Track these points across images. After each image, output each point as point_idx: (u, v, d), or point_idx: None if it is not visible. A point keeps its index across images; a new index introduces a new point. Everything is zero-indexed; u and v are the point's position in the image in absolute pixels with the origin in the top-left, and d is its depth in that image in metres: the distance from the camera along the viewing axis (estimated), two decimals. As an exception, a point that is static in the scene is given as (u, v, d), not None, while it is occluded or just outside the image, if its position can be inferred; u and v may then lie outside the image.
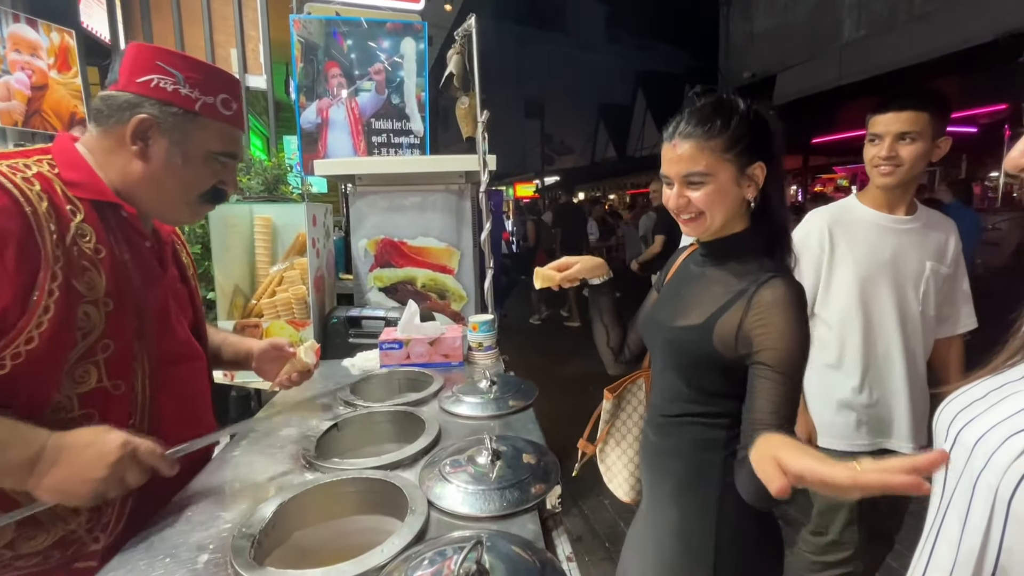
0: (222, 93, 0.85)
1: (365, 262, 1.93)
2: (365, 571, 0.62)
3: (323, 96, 2.49)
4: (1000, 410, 0.48)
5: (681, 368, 0.87)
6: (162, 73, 0.79)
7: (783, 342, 0.76)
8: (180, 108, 0.81)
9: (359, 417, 1.10)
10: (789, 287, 0.78)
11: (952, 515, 0.50)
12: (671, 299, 0.94)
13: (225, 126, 0.87)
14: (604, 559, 2.20)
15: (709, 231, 0.86)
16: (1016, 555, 0.44)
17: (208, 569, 0.65)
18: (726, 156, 0.81)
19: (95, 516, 0.77)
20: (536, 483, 0.80)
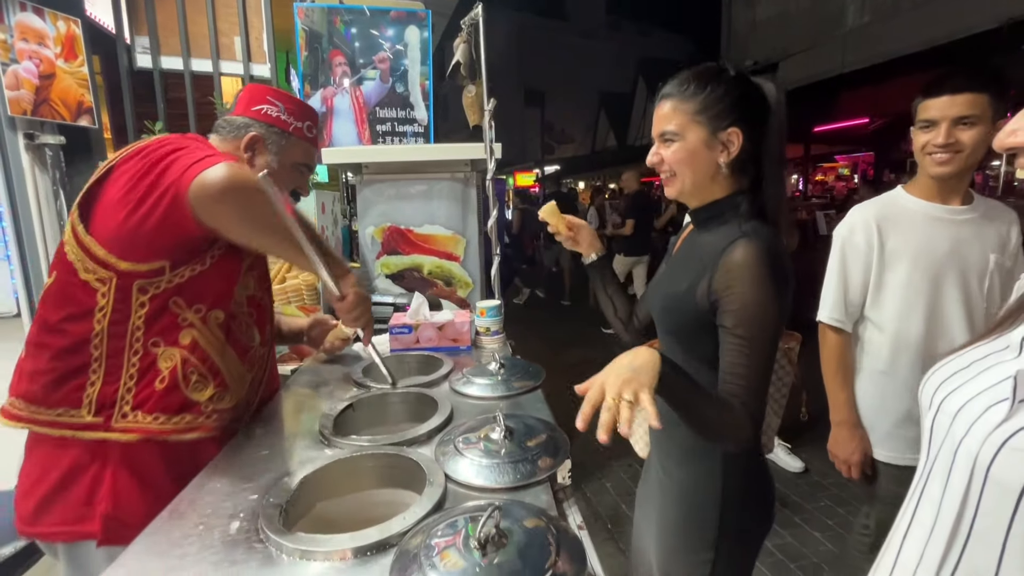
0: (307, 121, 1.12)
1: (372, 249, 1.96)
2: (390, 536, 0.66)
3: (327, 85, 2.50)
4: (982, 380, 0.50)
5: (676, 335, 0.91)
6: (270, 104, 1.07)
7: (743, 305, 0.78)
8: (280, 129, 1.07)
9: (373, 398, 1.14)
10: (756, 248, 0.78)
11: (934, 478, 0.53)
12: (670, 269, 0.99)
13: (307, 145, 1.13)
14: (606, 540, 2.26)
15: (682, 192, 0.90)
16: (990, 518, 0.46)
17: (240, 535, 0.69)
18: (697, 118, 0.84)
19: (253, 392, 1.09)
20: (547, 457, 0.84)
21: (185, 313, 0.94)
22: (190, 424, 0.95)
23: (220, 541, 0.68)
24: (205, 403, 0.96)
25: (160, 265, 0.90)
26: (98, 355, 0.91)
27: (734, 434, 0.78)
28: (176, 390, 0.93)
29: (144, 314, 0.91)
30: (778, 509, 2.43)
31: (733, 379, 0.79)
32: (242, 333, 1.04)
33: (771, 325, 0.79)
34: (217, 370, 0.98)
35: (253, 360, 1.07)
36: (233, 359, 1.01)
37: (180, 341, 0.94)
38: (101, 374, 0.91)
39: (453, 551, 0.60)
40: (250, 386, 1.06)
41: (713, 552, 0.90)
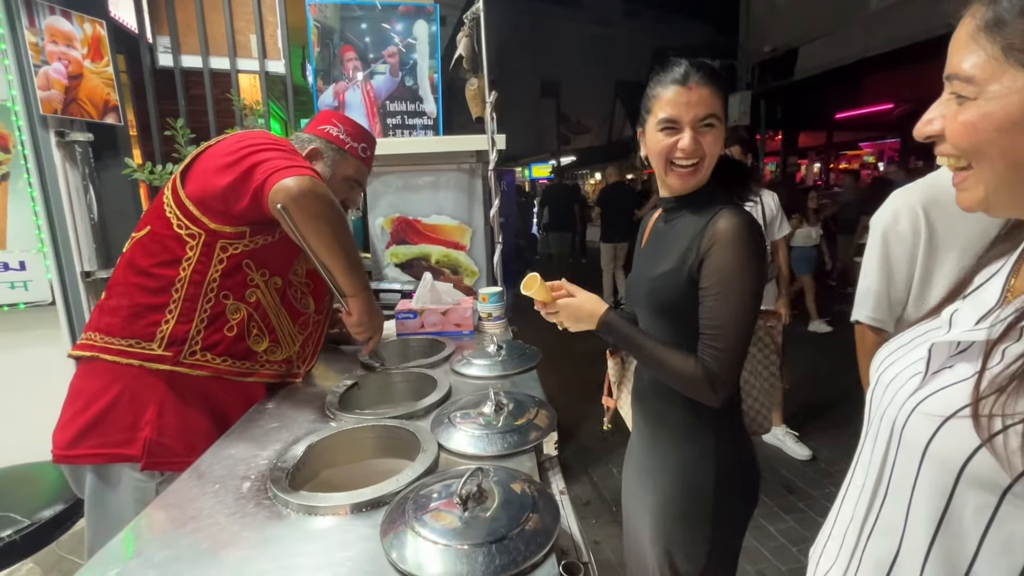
0: (363, 143, 1.28)
1: (382, 239, 2.03)
2: (383, 495, 0.72)
3: (339, 79, 2.57)
4: (914, 354, 0.53)
5: (665, 313, 0.94)
6: (333, 125, 1.25)
7: (722, 268, 0.83)
8: (337, 146, 1.24)
9: (377, 377, 1.21)
10: (738, 217, 0.85)
11: (867, 444, 0.57)
12: (649, 256, 1.01)
13: (359, 163, 1.28)
14: (610, 522, 2.31)
15: (700, 181, 0.90)
16: (901, 477, 0.50)
17: (250, 493, 0.76)
18: (723, 110, 0.88)
19: (303, 351, 1.23)
20: (534, 430, 0.90)
21: (253, 274, 1.10)
22: (249, 369, 1.12)
23: (233, 498, 0.75)
24: (261, 353, 1.13)
25: (242, 230, 1.06)
26: (177, 298, 1.05)
27: (689, 389, 0.87)
28: (242, 339, 1.10)
29: (222, 269, 1.06)
30: (783, 495, 2.46)
31: (705, 339, 0.84)
32: (297, 300, 1.20)
33: (746, 287, 0.83)
34: (272, 327, 1.15)
35: (307, 324, 1.23)
36: (286, 320, 1.17)
37: (247, 298, 1.10)
38: (176, 315, 1.05)
39: (438, 506, 0.66)
40: (302, 346, 1.22)
41: (711, 529, 0.95)
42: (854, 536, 0.57)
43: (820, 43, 9.07)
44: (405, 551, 0.60)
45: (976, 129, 0.45)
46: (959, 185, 0.49)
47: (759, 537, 2.18)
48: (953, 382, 0.47)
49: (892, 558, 0.51)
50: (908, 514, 0.49)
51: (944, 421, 0.45)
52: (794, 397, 3.38)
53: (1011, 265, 0.52)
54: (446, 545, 0.60)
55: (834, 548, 0.61)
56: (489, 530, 0.61)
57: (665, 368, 0.89)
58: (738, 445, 0.98)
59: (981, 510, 0.43)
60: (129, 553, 0.64)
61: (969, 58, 0.45)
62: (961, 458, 0.43)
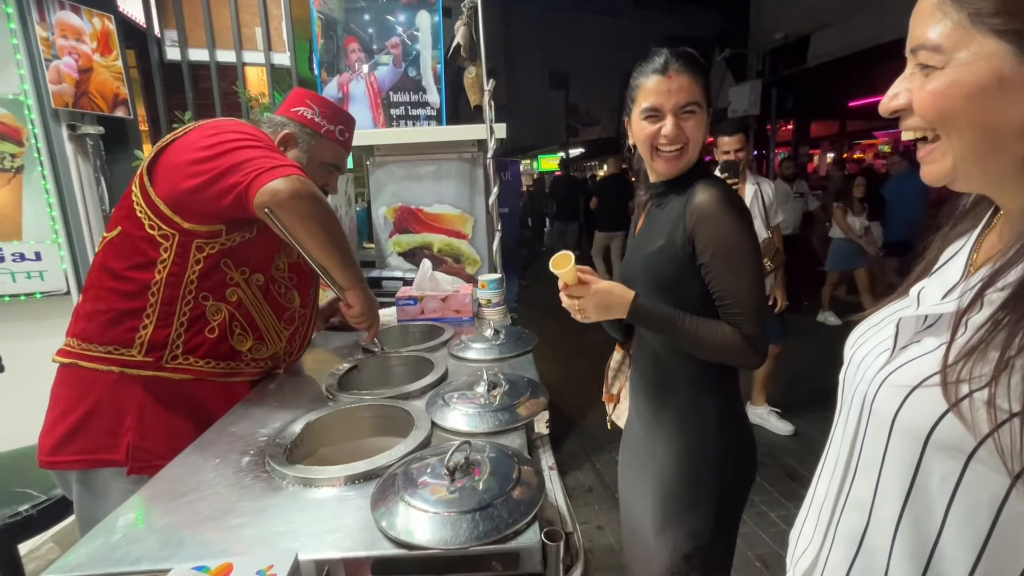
0: (340, 125, 1.23)
1: (385, 228, 2.05)
2: (376, 467, 0.75)
3: (344, 71, 2.59)
4: (883, 332, 0.55)
5: (662, 289, 0.95)
6: (307, 107, 1.19)
7: (716, 239, 0.85)
8: (312, 130, 1.18)
9: (376, 360, 1.23)
10: (713, 187, 0.87)
11: (840, 423, 0.58)
12: (642, 238, 1.03)
13: (337, 147, 1.24)
14: (613, 508, 2.34)
15: (687, 165, 0.92)
16: (871, 449, 0.51)
17: (248, 467, 0.79)
18: (704, 94, 0.90)
19: (290, 345, 1.20)
20: (525, 409, 0.92)
21: (232, 273, 1.06)
22: (234, 369, 1.09)
23: (232, 471, 0.78)
24: (246, 352, 1.10)
25: (218, 228, 1.02)
26: (154, 302, 1.01)
27: (731, 355, 0.88)
28: (224, 340, 1.07)
29: (199, 270, 1.02)
30: (785, 482, 2.47)
31: (728, 309, 0.87)
32: (280, 295, 1.16)
33: (747, 251, 0.86)
34: (256, 325, 1.11)
35: (292, 319, 1.19)
36: (270, 317, 1.14)
37: (228, 297, 1.07)
38: (155, 319, 1.01)
39: (427, 477, 0.68)
40: (288, 341, 1.19)
41: (715, 505, 0.97)
42: (828, 513, 0.58)
43: (832, 30, 8.89)
44: (395, 519, 0.63)
45: (945, 96, 0.44)
46: (925, 158, 0.49)
47: (760, 524, 2.19)
48: (920, 354, 0.48)
49: (862, 532, 0.52)
50: (877, 487, 0.50)
51: (911, 391, 0.46)
52: (799, 389, 3.37)
53: (972, 241, 0.53)
54: (434, 513, 0.62)
55: (810, 528, 0.62)
56: (475, 499, 0.63)
57: (705, 341, 0.89)
58: (737, 423, 1.00)
59: (947, 479, 0.44)
60: (139, 523, 0.67)
61: (935, 27, 0.45)
62: (927, 425, 0.44)
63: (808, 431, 2.88)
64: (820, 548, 0.59)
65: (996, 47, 0.41)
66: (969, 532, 0.44)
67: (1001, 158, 0.44)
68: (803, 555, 0.62)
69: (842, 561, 0.55)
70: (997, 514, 0.42)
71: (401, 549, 0.60)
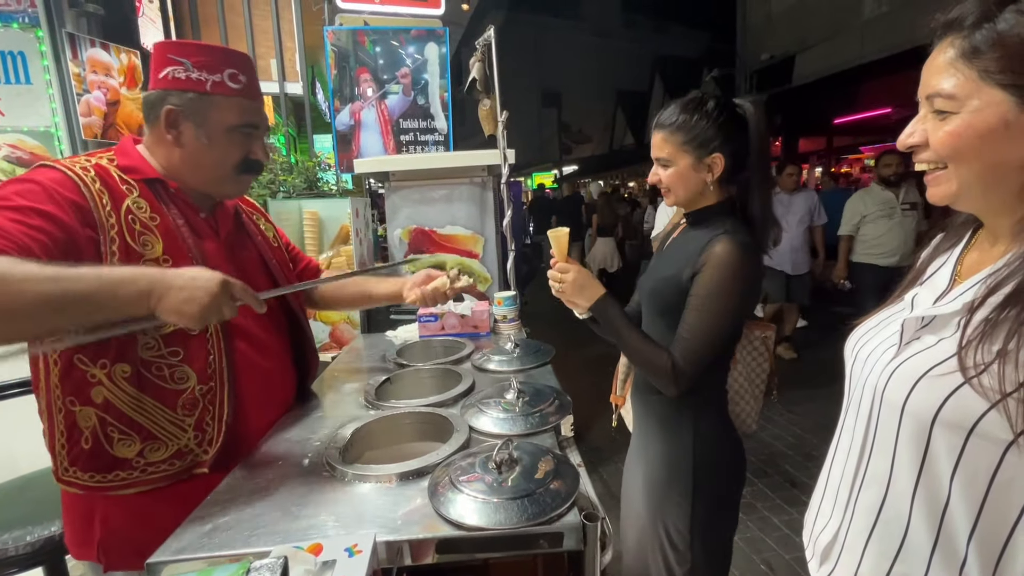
0: (229, 68, 0.93)
1: (400, 249, 2.16)
2: (426, 465, 0.84)
3: (355, 100, 2.73)
4: (885, 332, 0.65)
5: (663, 314, 1.07)
6: (173, 64, 0.90)
7: (708, 284, 0.96)
8: (193, 92, 0.91)
9: (408, 373, 1.33)
10: (733, 244, 0.96)
11: (851, 411, 0.68)
12: (660, 260, 1.15)
13: (238, 99, 0.95)
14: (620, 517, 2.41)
15: (678, 202, 1.07)
16: (885, 431, 0.61)
17: (311, 467, 0.89)
18: (684, 148, 1.02)
19: (200, 433, 0.94)
20: (552, 413, 1.02)
21: (92, 369, 0.87)
22: (125, 480, 0.90)
23: (297, 471, 0.87)
24: (135, 459, 0.90)
25: None
26: (42, 407, 0.91)
27: (655, 376, 1.00)
28: (101, 449, 0.89)
29: (58, 371, 0.88)
30: (787, 489, 2.56)
31: (678, 340, 0.97)
32: (166, 379, 0.92)
33: (724, 307, 0.95)
34: (138, 425, 0.90)
35: (194, 402, 0.94)
36: (157, 409, 0.91)
37: (93, 399, 0.88)
38: (47, 425, 0.91)
39: (477, 471, 0.78)
40: (196, 429, 0.94)
41: (690, 504, 1.06)
42: (846, 491, 0.67)
43: (816, 50, 9.23)
44: (451, 506, 0.72)
45: (961, 137, 0.54)
46: (931, 181, 0.59)
47: (764, 528, 2.28)
48: (922, 349, 0.58)
49: (880, 504, 0.61)
50: (893, 463, 0.59)
51: (918, 380, 0.56)
52: (802, 401, 3.48)
53: (956, 256, 0.65)
54: (486, 500, 0.72)
55: (828, 507, 0.70)
56: (521, 488, 0.73)
57: (640, 354, 1.02)
58: (719, 432, 1.09)
59: (951, 451, 0.53)
60: (225, 515, 0.76)
61: (949, 80, 0.54)
62: (934, 407, 0.54)
63: (807, 440, 2.98)
64: (840, 523, 0.67)
65: (1002, 97, 0.52)
66: (970, 496, 0.52)
67: (1002, 187, 0.55)
68: (823, 531, 0.70)
69: (862, 531, 0.63)
70: (992, 477, 0.51)
71: (460, 531, 0.69)
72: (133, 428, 0.90)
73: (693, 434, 1.06)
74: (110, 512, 0.92)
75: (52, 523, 1.17)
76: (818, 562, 0.71)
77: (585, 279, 1.06)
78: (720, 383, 1.11)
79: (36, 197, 0.81)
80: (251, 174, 1.04)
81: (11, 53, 2.11)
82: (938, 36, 0.57)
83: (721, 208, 1.06)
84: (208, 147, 0.94)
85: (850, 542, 0.65)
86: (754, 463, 2.76)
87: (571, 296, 1.06)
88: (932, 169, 0.59)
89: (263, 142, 1.02)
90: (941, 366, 0.54)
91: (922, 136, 0.58)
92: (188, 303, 0.78)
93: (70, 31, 2.12)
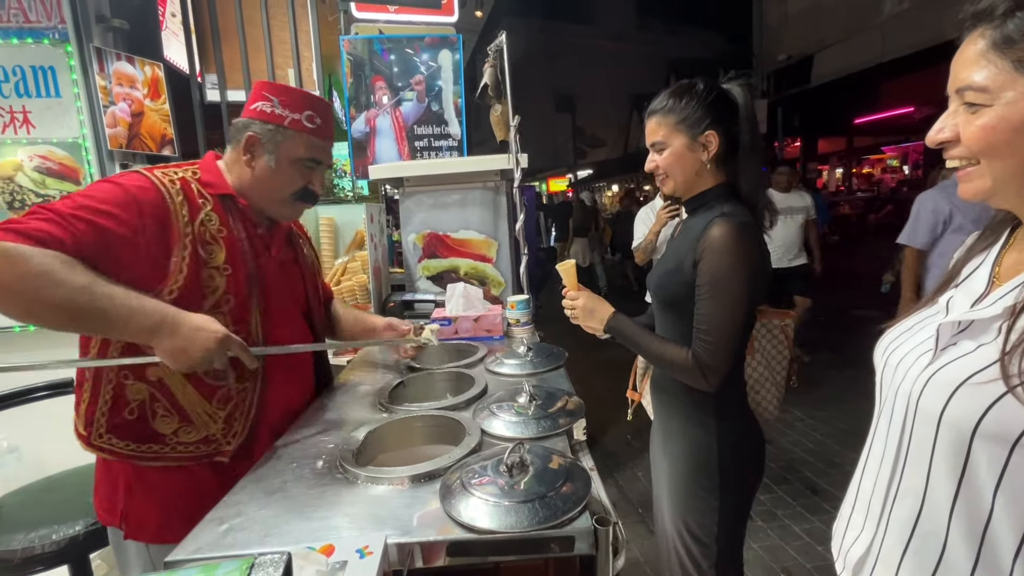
0: (307, 111, 1.07)
1: (414, 254, 2.18)
2: (438, 468, 0.84)
3: (370, 107, 2.77)
4: (918, 337, 0.62)
5: (670, 306, 1.07)
6: (264, 100, 1.06)
7: (712, 271, 0.95)
8: (273, 124, 1.05)
9: (421, 376, 1.33)
10: (729, 226, 0.95)
11: (883, 419, 0.65)
12: (667, 254, 1.15)
13: (308, 136, 1.08)
14: (636, 522, 2.39)
15: (676, 189, 1.07)
16: (920, 442, 0.58)
17: (324, 469, 0.89)
18: (678, 128, 1.02)
19: (228, 426, 1.05)
20: (564, 416, 1.01)
21: (151, 352, 0.95)
22: (156, 453, 1.01)
23: (311, 473, 0.88)
24: (169, 436, 1.01)
25: None
26: (89, 376, 1.00)
27: (683, 375, 1.00)
28: (144, 421, 1.00)
29: (119, 347, 0.98)
30: (808, 496, 2.51)
31: (697, 334, 0.97)
32: (207, 373, 1.01)
33: (735, 289, 0.95)
34: (180, 407, 1.01)
35: (227, 398, 1.05)
36: (195, 398, 1.02)
37: (148, 376, 0.99)
38: (89, 394, 1.00)
39: (488, 474, 0.78)
40: (225, 422, 1.05)
41: (716, 497, 1.06)
42: (879, 503, 0.63)
43: (835, 49, 9.10)
44: (463, 508, 0.72)
45: (995, 130, 0.51)
46: (964, 176, 0.57)
47: (784, 537, 2.23)
48: (960, 355, 0.54)
49: (915, 517, 0.58)
50: (929, 475, 0.56)
51: (956, 388, 0.53)
52: (823, 407, 3.40)
53: (994, 256, 0.61)
54: (497, 503, 0.71)
55: (859, 519, 0.67)
56: (532, 491, 0.73)
57: (663, 360, 1.03)
58: (741, 423, 1.09)
59: (993, 463, 0.50)
60: (239, 516, 0.77)
61: (980, 72, 0.52)
62: (974, 417, 0.50)
63: (829, 446, 2.91)
64: (873, 535, 0.64)
65: None
66: (1016, 510, 0.49)
67: None
68: (855, 543, 0.67)
69: (896, 545, 0.60)
70: None
71: (471, 534, 0.69)
72: (175, 408, 1.01)
73: (716, 426, 1.05)
74: (134, 483, 1.02)
75: (76, 523, 1.21)
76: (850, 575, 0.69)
77: (593, 303, 1.12)
78: (738, 372, 1.10)
79: (114, 198, 0.93)
80: (306, 203, 1.15)
81: (42, 68, 2.19)
82: (967, 28, 0.55)
83: (719, 192, 1.06)
84: (274, 172, 1.07)
85: (884, 556, 0.62)
86: (774, 469, 2.71)
87: (584, 320, 1.14)
88: (964, 165, 0.57)
89: (323, 177, 1.16)
90: (981, 374, 0.51)
91: (953, 131, 0.56)
92: (180, 353, 0.91)
93: (97, 45, 2.19)
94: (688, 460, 1.09)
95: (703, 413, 1.06)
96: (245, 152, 1.06)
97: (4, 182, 2.22)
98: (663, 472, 1.16)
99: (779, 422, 3.25)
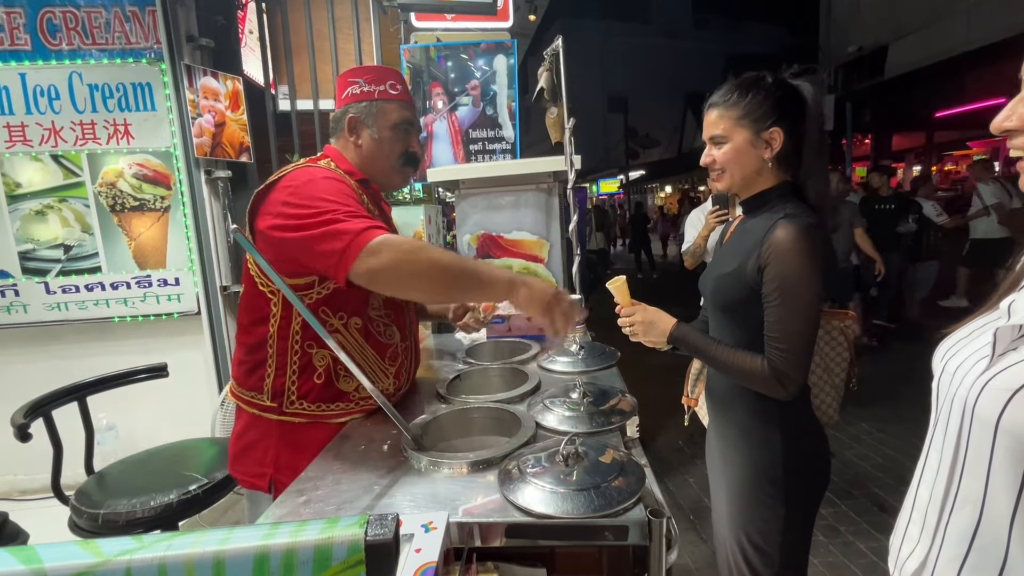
0: (389, 80, 1.18)
1: (469, 254, 2.24)
2: (495, 456, 0.89)
3: (428, 112, 2.87)
4: (977, 343, 0.59)
5: (726, 310, 1.05)
6: (352, 85, 1.17)
7: (781, 276, 0.92)
8: (367, 101, 1.15)
9: (477, 371, 1.39)
10: (795, 227, 0.91)
11: (939, 428, 0.62)
12: (721, 254, 1.12)
13: (397, 102, 1.18)
14: (688, 529, 2.34)
15: (732, 186, 1.03)
16: (977, 451, 0.55)
17: (389, 451, 0.96)
18: (741, 122, 0.99)
19: (397, 380, 1.20)
20: (617, 414, 1.03)
21: (332, 320, 1.09)
22: (344, 410, 1.13)
23: (377, 455, 0.95)
24: (353, 392, 1.14)
25: (311, 279, 1.07)
26: (272, 353, 1.10)
27: (758, 384, 0.97)
28: (331, 384, 1.11)
29: (301, 320, 1.08)
30: (875, 513, 2.37)
31: (771, 342, 0.94)
32: (380, 334, 1.17)
33: (806, 294, 0.91)
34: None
35: (396, 355, 1.20)
36: (373, 357, 1.16)
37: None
38: (274, 368, 1.10)
39: (543, 464, 0.81)
40: (395, 376, 1.19)
41: (784, 507, 1.02)
42: (935, 514, 0.61)
43: (913, 38, 8.46)
44: (520, 494, 0.76)
45: None
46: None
47: (848, 554, 2.12)
48: (1018, 360, 0.52)
49: (974, 527, 0.55)
50: (987, 484, 0.54)
51: (1014, 393, 0.51)
52: (893, 421, 3.19)
53: None
54: (553, 490, 0.75)
55: (915, 531, 0.64)
56: (588, 480, 0.75)
57: (735, 370, 0.99)
58: (804, 430, 1.05)
59: None
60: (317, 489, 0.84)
61: None
62: None
63: (899, 462, 2.73)
64: (929, 548, 0.61)
65: None
66: None
67: None
68: (910, 556, 0.64)
69: (955, 558, 0.57)
70: None
71: (529, 517, 0.72)
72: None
73: (781, 432, 1.02)
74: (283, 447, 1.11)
75: (170, 492, 1.34)
76: None
77: (653, 315, 1.09)
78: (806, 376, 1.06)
79: (351, 194, 1.06)
80: (411, 166, 1.24)
81: (140, 84, 2.44)
82: None
83: (780, 191, 1.02)
84: (379, 142, 1.17)
85: (940, 569, 0.59)
86: (837, 483, 2.57)
87: (644, 335, 1.11)
88: None
89: (418, 139, 1.25)
90: None
91: (1021, 120, 0.53)
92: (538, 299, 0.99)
93: (187, 63, 2.41)
94: (751, 467, 1.05)
95: (765, 419, 1.03)
96: (351, 134, 1.16)
97: (108, 187, 2.48)
98: (722, 479, 1.13)
99: (844, 434, 3.08)
